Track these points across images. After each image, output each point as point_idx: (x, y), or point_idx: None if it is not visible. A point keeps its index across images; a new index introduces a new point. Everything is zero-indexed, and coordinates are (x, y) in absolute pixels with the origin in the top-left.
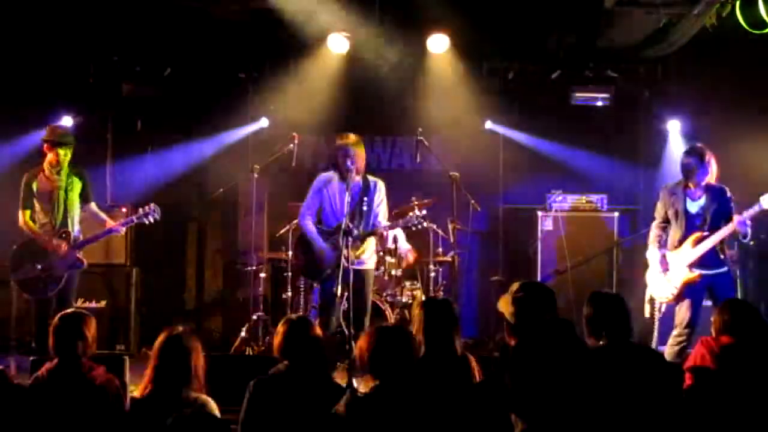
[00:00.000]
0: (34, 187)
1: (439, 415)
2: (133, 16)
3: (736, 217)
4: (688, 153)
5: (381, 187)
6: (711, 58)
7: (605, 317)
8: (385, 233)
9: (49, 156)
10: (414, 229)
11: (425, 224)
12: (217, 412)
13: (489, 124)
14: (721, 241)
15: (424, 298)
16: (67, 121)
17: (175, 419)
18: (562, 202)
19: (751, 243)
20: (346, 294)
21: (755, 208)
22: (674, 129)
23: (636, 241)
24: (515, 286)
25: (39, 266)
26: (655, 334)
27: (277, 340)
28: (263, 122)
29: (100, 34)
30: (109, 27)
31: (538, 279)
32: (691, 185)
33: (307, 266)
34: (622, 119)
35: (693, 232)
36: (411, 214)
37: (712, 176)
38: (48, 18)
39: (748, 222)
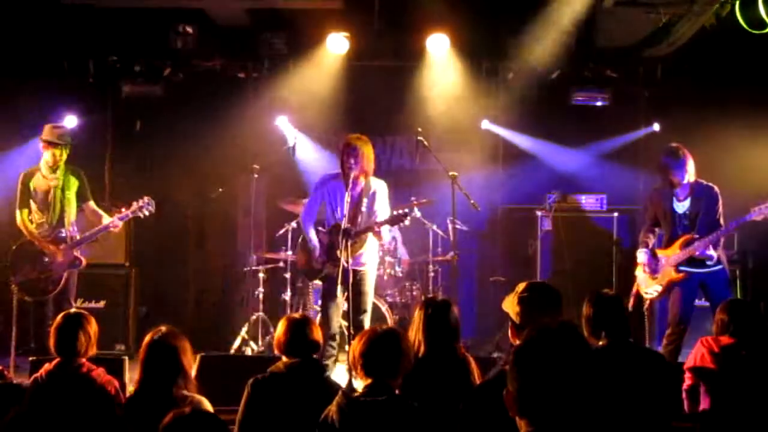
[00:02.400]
0: (31, 186)
1: (440, 416)
2: (132, 16)
3: (696, 245)
4: (662, 152)
5: (383, 188)
6: (710, 59)
7: (605, 317)
8: (376, 228)
9: (46, 155)
10: (402, 224)
11: (409, 218)
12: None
13: (487, 124)
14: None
15: (423, 298)
16: (70, 120)
17: (174, 417)
18: (562, 202)
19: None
20: (345, 294)
21: (723, 231)
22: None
23: (635, 241)
24: (521, 286)
25: (38, 267)
26: (647, 331)
27: (277, 337)
28: (282, 121)
29: (99, 34)
30: (109, 27)
31: (538, 279)
32: (674, 185)
33: (305, 265)
34: (621, 119)
35: (680, 232)
36: (395, 211)
37: (690, 174)
38: (48, 18)
39: (710, 250)
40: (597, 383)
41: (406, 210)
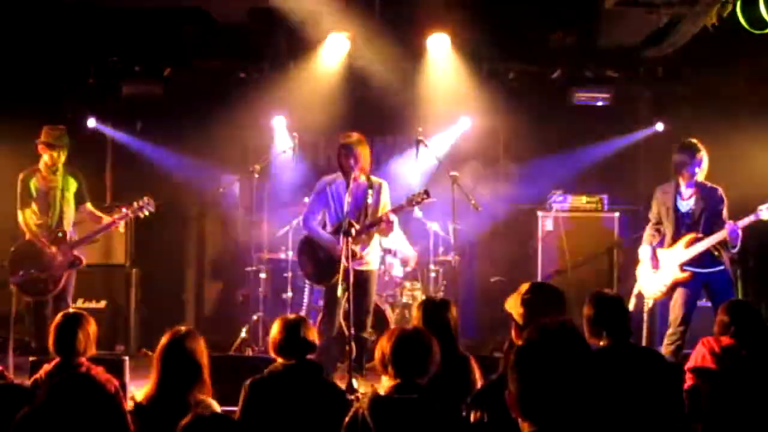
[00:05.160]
0: (32, 186)
1: (440, 416)
2: (132, 16)
3: (728, 224)
4: (680, 148)
5: (385, 187)
6: (711, 58)
7: (605, 318)
8: (390, 217)
9: (44, 157)
10: (417, 205)
11: (428, 199)
12: None
13: (467, 122)
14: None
15: (423, 298)
16: (90, 123)
17: (194, 418)
18: (562, 202)
19: (734, 251)
20: (347, 295)
21: (751, 218)
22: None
23: (636, 241)
24: (524, 287)
25: (38, 267)
26: (644, 331)
27: (272, 338)
28: (278, 122)
29: (99, 34)
30: (109, 27)
31: (539, 279)
32: (682, 182)
33: (316, 271)
34: (622, 119)
35: (683, 231)
36: (412, 194)
37: (702, 171)
38: (48, 18)
39: (740, 231)
40: (597, 383)
41: (423, 192)
